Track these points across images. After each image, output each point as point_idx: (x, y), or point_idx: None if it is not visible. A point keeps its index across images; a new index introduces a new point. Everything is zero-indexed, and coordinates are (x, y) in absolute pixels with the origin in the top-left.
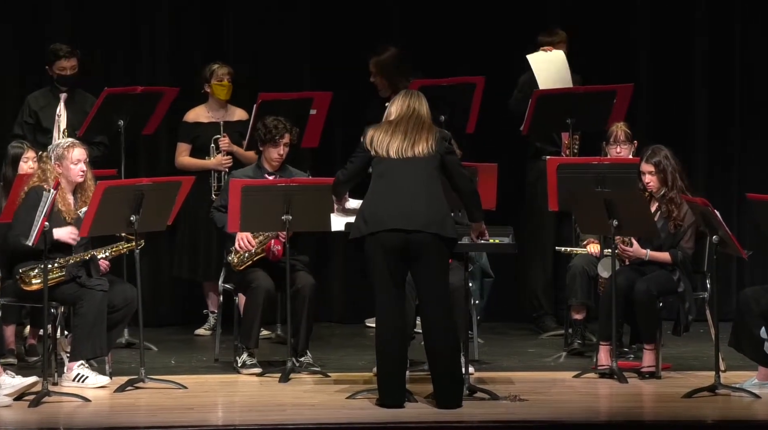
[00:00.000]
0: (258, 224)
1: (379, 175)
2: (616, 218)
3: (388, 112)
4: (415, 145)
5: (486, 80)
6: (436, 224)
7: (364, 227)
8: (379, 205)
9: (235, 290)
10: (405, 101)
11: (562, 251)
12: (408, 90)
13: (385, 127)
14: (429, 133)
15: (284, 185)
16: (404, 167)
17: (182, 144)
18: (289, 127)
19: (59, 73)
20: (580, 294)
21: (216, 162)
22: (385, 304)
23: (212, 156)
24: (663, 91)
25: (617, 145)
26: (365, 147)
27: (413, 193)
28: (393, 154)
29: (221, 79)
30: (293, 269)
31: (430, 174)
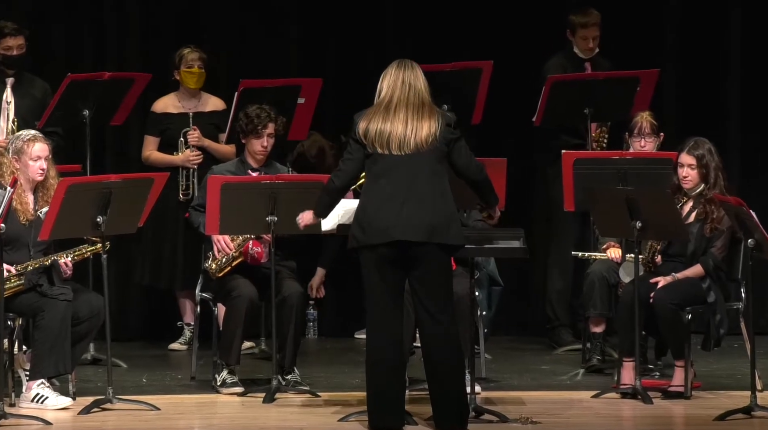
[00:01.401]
0: (239, 226)
1: (377, 175)
2: (639, 219)
3: (379, 91)
4: (417, 134)
5: (494, 65)
6: (441, 232)
7: (361, 237)
8: (379, 213)
9: (214, 299)
10: (399, 76)
11: (579, 256)
12: (400, 60)
13: (380, 115)
14: (431, 118)
15: (269, 183)
16: (406, 165)
17: (149, 137)
18: (274, 116)
19: (4, 53)
20: (599, 304)
21: (183, 158)
22: (379, 314)
23: (180, 151)
24: (692, 77)
25: (641, 137)
26: (359, 141)
27: (417, 197)
28: (395, 149)
29: (191, 65)
30: (279, 276)
31: (434, 170)
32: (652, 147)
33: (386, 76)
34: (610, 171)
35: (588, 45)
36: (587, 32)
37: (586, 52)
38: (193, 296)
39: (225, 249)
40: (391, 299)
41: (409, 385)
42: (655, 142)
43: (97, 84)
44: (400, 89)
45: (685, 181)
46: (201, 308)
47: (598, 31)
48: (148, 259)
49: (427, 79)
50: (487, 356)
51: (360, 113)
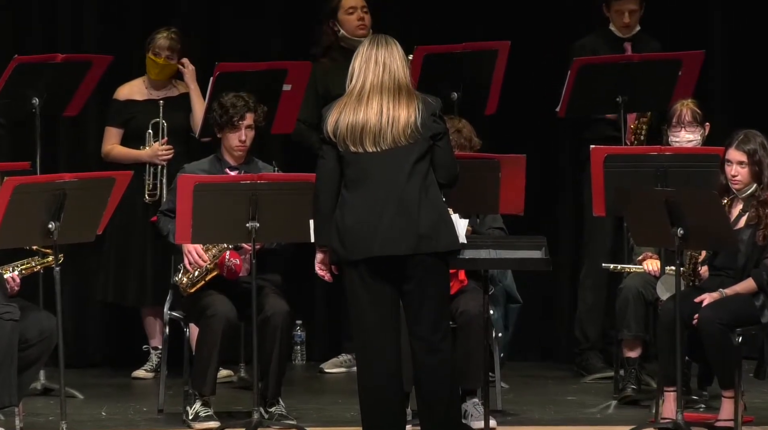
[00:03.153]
0: (215, 234)
1: (353, 180)
2: (680, 226)
3: (350, 76)
4: (393, 126)
5: (512, 45)
6: (429, 239)
7: (341, 252)
8: (357, 224)
9: (185, 318)
10: (371, 55)
11: (611, 268)
12: (373, 35)
13: (351, 105)
14: (410, 106)
15: (249, 183)
16: (384, 163)
17: (111, 128)
18: (252, 105)
19: None
20: (633, 325)
21: (151, 153)
22: (369, 340)
23: (148, 144)
24: (743, 60)
25: (681, 127)
26: (328, 140)
27: (399, 202)
28: (369, 145)
29: (157, 53)
30: (261, 292)
31: (417, 168)
32: (696, 141)
33: (357, 56)
34: (646, 169)
35: (624, 21)
36: (622, 5)
37: (622, 29)
38: (160, 314)
39: (198, 261)
40: (382, 320)
41: (411, 418)
42: (699, 134)
43: (48, 67)
44: (373, 72)
45: (734, 180)
46: (170, 328)
47: (638, 5)
48: (109, 272)
49: (434, 62)
50: (503, 385)
51: (328, 106)
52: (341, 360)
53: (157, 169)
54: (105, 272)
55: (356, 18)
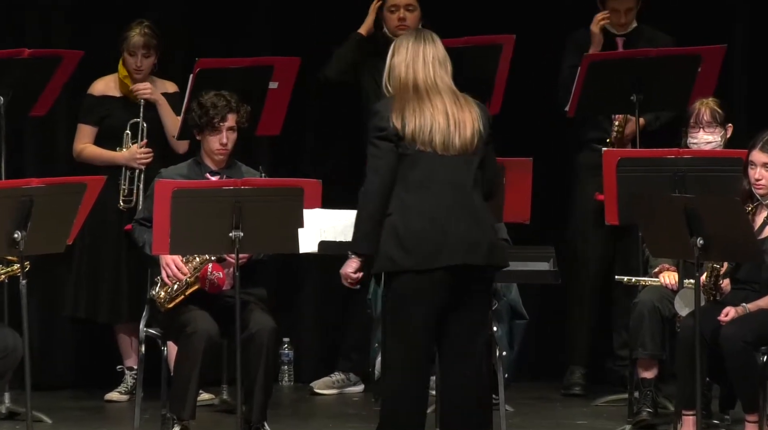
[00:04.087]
0: (195, 244)
1: (418, 181)
2: (700, 235)
3: (389, 72)
4: (461, 132)
5: (518, 40)
6: (496, 252)
7: (404, 260)
8: (426, 230)
9: (163, 336)
10: (418, 52)
11: (624, 281)
12: (417, 30)
13: (413, 103)
14: (471, 111)
15: (233, 189)
16: (451, 168)
17: (84, 126)
18: (235, 105)
19: None
20: (649, 343)
21: (128, 155)
22: (412, 364)
23: (125, 146)
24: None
25: (699, 127)
26: (390, 137)
27: (469, 210)
28: (439, 148)
29: (133, 52)
30: (245, 308)
31: (476, 178)
32: (717, 142)
33: (399, 51)
34: (663, 174)
35: (620, 20)
36: (619, 3)
37: (617, 27)
38: (136, 332)
39: (177, 274)
40: (431, 337)
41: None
42: (720, 135)
43: (14, 64)
44: (423, 70)
45: (758, 185)
46: (146, 347)
47: (634, 2)
48: (80, 285)
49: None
50: (508, 408)
51: (383, 102)
52: (333, 380)
53: (134, 174)
54: (76, 285)
55: (396, 17)
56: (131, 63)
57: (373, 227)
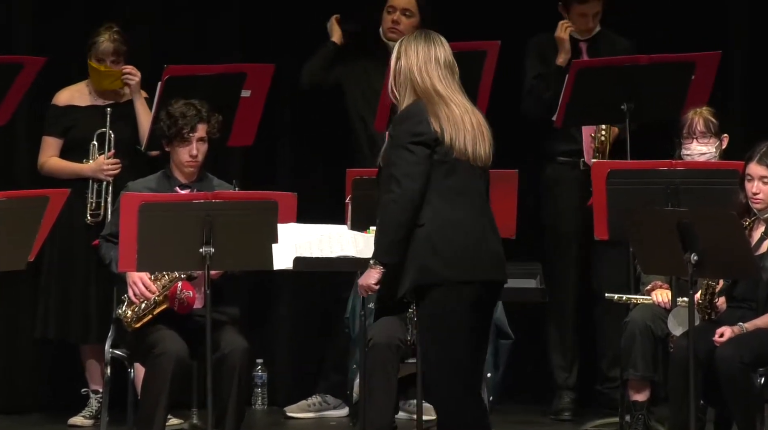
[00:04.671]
0: (164, 261)
1: (456, 190)
2: (694, 251)
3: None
4: (484, 142)
5: (502, 47)
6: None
7: (443, 271)
8: (467, 242)
9: (130, 357)
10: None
11: (615, 299)
12: (423, 31)
13: (442, 107)
14: (481, 116)
15: (203, 203)
16: (477, 179)
17: (49, 138)
18: (205, 114)
19: None
20: (641, 364)
21: (95, 167)
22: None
23: (92, 157)
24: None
25: (693, 138)
26: (429, 143)
27: (492, 224)
28: (471, 156)
29: (102, 59)
30: (217, 327)
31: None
32: (711, 154)
33: (408, 53)
34: (655, 186)
35: (587, 24)
36: (586, 7)
37: (582, 32)
38: (101, 353)
39: (144, 292)
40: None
41: None
42: (715, 146)
43: None
44: (437, 74)
45: (755, 199)
46: (112, 369)
47: (600, 6)
48: (49, 305)
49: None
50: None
51: (415, 106)
52: (309, 403)
53: (102, 186)
54: (45, 305)
55: (391, 19)
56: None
57: (403, 236)
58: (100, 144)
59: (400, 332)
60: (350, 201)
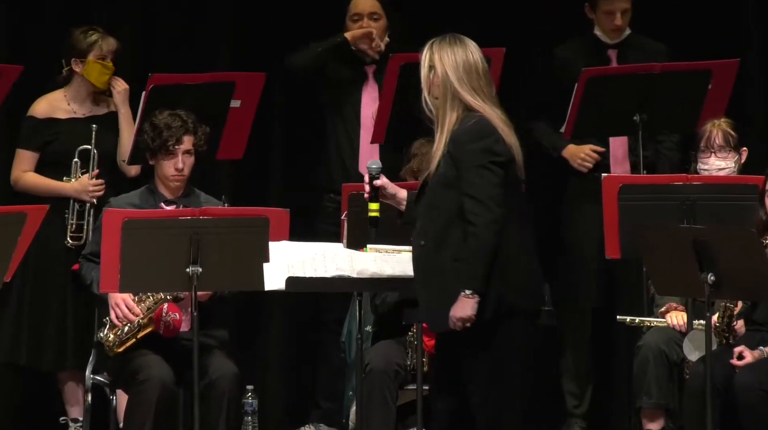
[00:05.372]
0: (148, 281)
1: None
2: (712, 271)
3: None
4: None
5: (508, 53)
6: None
7: (519, 300)
8: (533, 266)
9: (112, 384)
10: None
11: (627, 322)
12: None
13: (496, 120)
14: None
15: (190, 219)
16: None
17: (25, 152)
18: (192, 125)
19: None
20: (654, 391)
21: (79, 187)
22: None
23: (74, 176)
24: None
25: (710, 152)
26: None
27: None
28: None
29: (105, 56)
30: (204, 352)
31: None
32: (730, 168)
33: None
34: (670, 202)
35: (614, 23)
36: (613, 5)
37: (611, 34)
38: (81, 378)
39: (127, 314)
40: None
41: None
42: (734, 160)
43: None
44: (479, 83)
45: None
46: (93, 396)
47: (629, 3)
48: (21, 328)
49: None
50: None
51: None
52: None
53: (85, 207)
54: (15, 328)
55: (358, 27)
56: None
57: (492, 260)
58: (83, 161)
59: (399, 357)
60: (346, 217)
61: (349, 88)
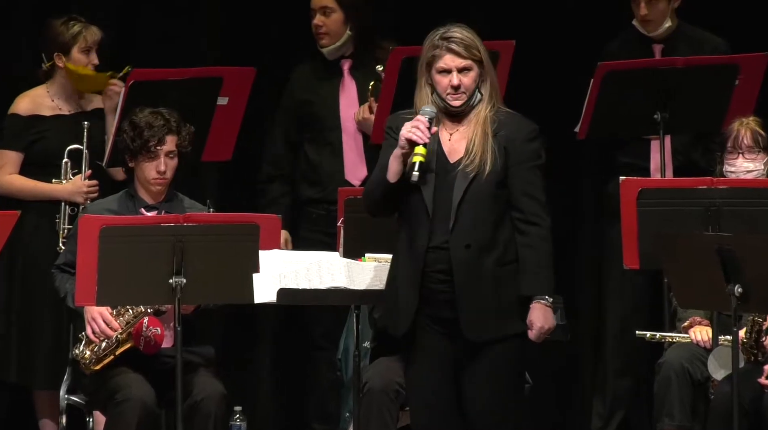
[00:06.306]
0: (127, 293)
1: None
2: (739, 282)
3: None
4: None
5: (518, 47)
6: None
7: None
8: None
9: (89, 405)
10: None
11: (647, 337)
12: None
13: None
14: None
15: (173, 226)
16: None
17: (8, 152)
18: (175, 125)
19: None
20: (677, 412)
21: (73, 188)
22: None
23: (65, 177)
24: None
25: (738, 153)
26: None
27: None
28: None
29: (88, 49)
30: (189, 370)
31: None
32: (759, 171)
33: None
34: (694, 208)
35: (640, 12)
36: None
37: (643, 25)
38: (56, 398)
39: (105, 329)
40: None
41: None
42: (763, 162)
43: None
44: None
45: None
46: (68, 417)
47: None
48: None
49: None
50: None
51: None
52: None
53: (77, 210)
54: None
55: (312, 24)
56: (84, 62)
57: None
58: (73, 161)
59: (399, 376)
60: (342, 224)
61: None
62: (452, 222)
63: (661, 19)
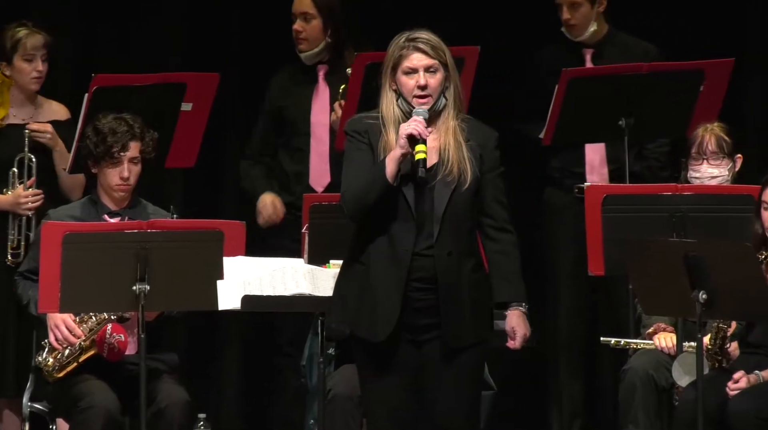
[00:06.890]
0: (91, 300)
1: None
2: (704, 288)
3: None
4: None
5: (482, 52)
6: None
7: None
8: None
9: (52, 412)
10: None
11: (612, 344)
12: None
13: None
14: None
15: (137, 233)
16: None
17: None
18: (138, 131)
19: None
20: (641, 419)
21: (11, 199)
22: None
23: (10, 187)
24: None
25: (703, 158)
26: None
27: None
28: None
29: (31, 57)
30: (153, 377)
31: None
32: (723, 177)
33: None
34: (658, 214)
35: (563, 15)
36: None
37: (568, 29)
38: (19, 405)
39: (68, 337)
40: None
41: None
42: (727, 168)
43: None
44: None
45: None
46: (32, 425)
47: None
48: None
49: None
50: None
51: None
52: None
53: (21, 221)
54: None
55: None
56: (28, 71)
57: None
58: (21, 171)
59: None
60: (307, 230)
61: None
62: (437, 231)
63: (586, 24)
